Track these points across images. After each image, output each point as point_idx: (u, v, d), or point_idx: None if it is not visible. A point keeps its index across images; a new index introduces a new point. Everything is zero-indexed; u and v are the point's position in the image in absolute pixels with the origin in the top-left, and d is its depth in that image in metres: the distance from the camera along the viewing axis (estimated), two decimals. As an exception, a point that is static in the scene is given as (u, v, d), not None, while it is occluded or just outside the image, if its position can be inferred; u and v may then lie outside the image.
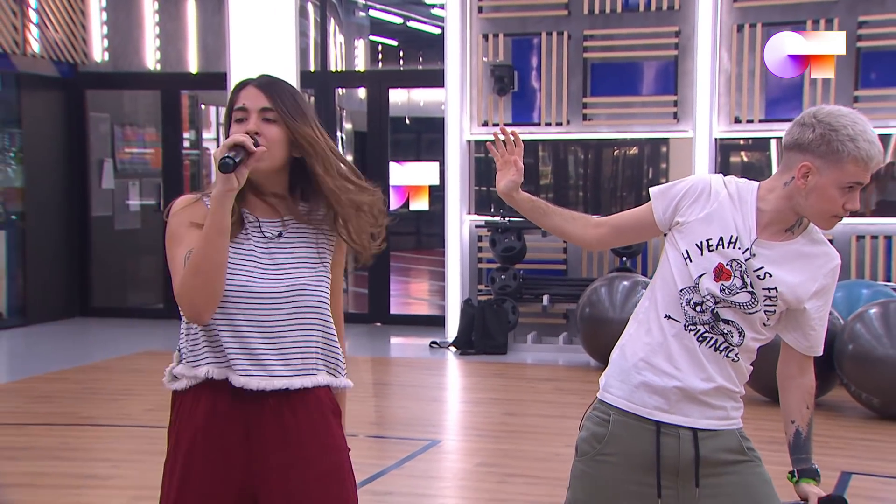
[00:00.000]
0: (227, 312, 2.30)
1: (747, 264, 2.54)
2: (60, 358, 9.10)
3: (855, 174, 2.49)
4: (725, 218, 2.56)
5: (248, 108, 2.32)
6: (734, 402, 2.62)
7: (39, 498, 5.13)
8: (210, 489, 2.31)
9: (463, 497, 5.31)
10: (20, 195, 10.89)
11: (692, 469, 2.55)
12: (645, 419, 2.57)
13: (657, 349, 2.57)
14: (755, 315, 2.55)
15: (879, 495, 5.25)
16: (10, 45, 10.56)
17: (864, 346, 6.70)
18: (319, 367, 2.36)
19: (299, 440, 2.31)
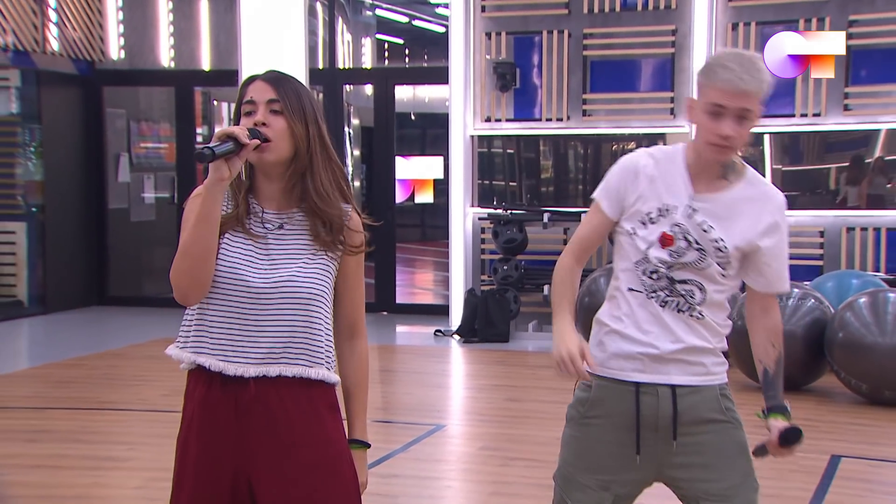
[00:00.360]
0: (217, 299, 2.31)
1: (690, 222, 2.56)
2: (79, 345, 9.14)
3: (715, 97, 2.48)
4: (658, 188, 2.59)
5: (256, 101, 2.31)
6: (714, 357, 2.63)
7: (60, 479, 5.15)
8: (204, 468, 2.32)
9: (466, 479, 5.32)
10: (40, 188, 10.91)
11: (670, 424, 2.57)
12: (624, 381, 2.60)
13: (626, 319, 2.60)
14: (709, 269, 2.57)
15: (868, 477, 5.25)
16: (31, 43, 10.57)
17: (853, 334, 6.71)
18: (303, 359, 2.31)
19: (287, 429, 2.29)
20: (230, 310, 2.30)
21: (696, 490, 2.60)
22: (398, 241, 11.23)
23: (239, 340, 2.29)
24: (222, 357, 2.30)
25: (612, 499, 2.63)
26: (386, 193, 10.94)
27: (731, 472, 2.60)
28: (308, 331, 2.31)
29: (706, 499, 2.59)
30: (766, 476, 5.32)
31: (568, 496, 2.67)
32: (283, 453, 2.29)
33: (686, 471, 2.60)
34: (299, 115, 2.31)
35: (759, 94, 2.50)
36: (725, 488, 2.58)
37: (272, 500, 2.30)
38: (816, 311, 7.07)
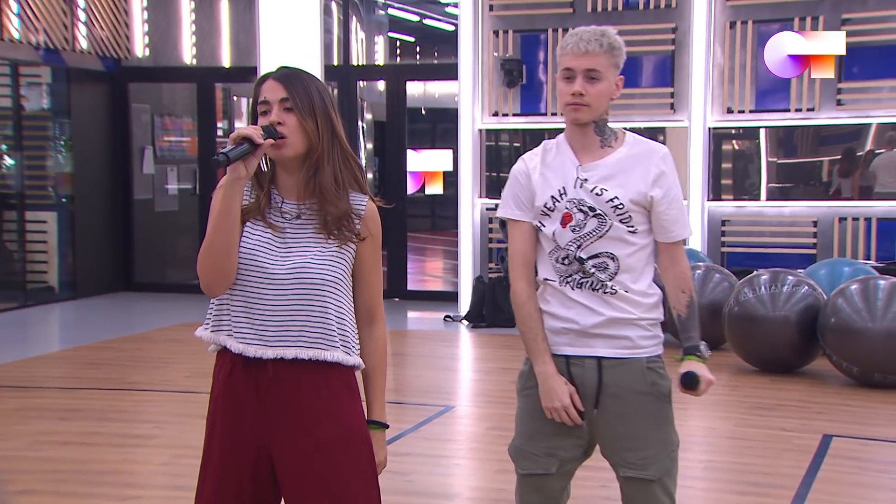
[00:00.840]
0: (237, 285, 2.33)
1: (583, 191, 2.61)
2: (107, 329, 9.17)
3: (565, 62, 2.61)
4: (548, 179, 2.66)
5: (270, 101, 2.32)
6: (641, 331, 2.65)
7: (91, 455, 5.18)
8: (229, 443, 2.34)
9: (474, 458, 5.34)
10: (69, 180, 10.95)
11: (594, 392, 2.63)
12: (557, 355, 2.66)
13: (552, 303, 2.67)
14: (614, 231, 2.61)
15: (859, 455, 5.26)
16: (61, 41, 10.59)
17: (845, 319, 6.71)
18: (319, 343, 2.31)
19: (304, 408, 2.31)
20: (249, 295, 2.32)
21: (617, 457, 2.66)
22: (409, 230, 11.22)
23: (257, 324, 2.31)
24: (242, 339, 2.32)
25: (557, 464, 2.68)
26: (397, 185, 10.94)
27: (649, 443, 2.63)
28: (323, 315, 2.32)
29: (625, 465, 2.64)
30: (760, 455, 5.37)
31: (519, 466, 2.73)
32: (301, 431, 2.31)
33: (609, 438, 2.66)
34: (309, 111, 2.31)
35: (602, 56, 2.60)
36: (644, 457, 2.62)
37: (291, 475, 2.32)
38: (810, 297, 7.07)
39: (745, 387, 6.81)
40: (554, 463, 2.67)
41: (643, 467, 2.60)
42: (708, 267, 8.05)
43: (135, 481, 4.82)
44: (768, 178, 9.79)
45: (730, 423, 5.89)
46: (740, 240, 9.53)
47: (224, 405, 2.35)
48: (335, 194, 2.32)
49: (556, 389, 2.61)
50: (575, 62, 2.59)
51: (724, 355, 7.69)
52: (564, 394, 2.61)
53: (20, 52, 10.24)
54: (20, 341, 8.78)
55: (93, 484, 4.70)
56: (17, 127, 10.53)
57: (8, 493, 3.35)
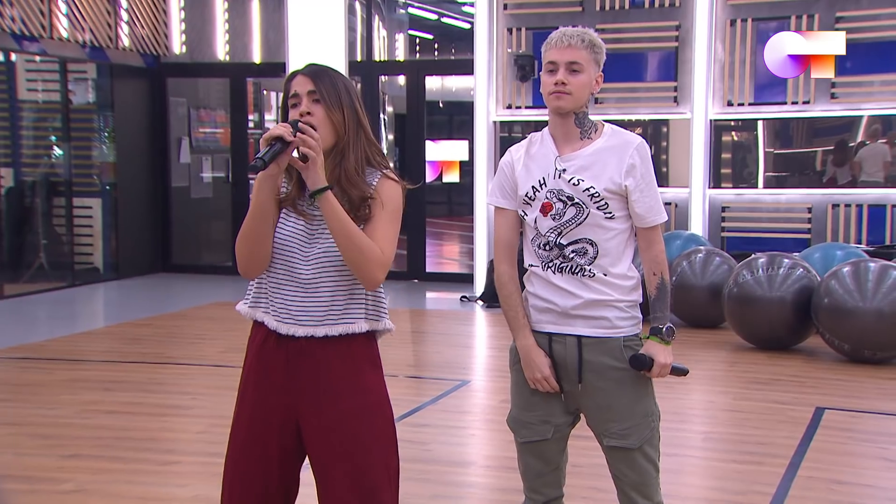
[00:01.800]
0: (273, 268, 2.35)
1: (561, 181, 2.61)
2: (147, 307, 9.23)
3: (548, 56, 2.62)
4: (531, 170, 2.67)
5: (300, 94, 2.32)
6: (619, 312, 2.63)
7: (133, 423, 5.21)
8: (259, 409, 2.35)
9: (489, 429, 5.34)
10: (112, 168, 10.99)
11: (576, 369, 2.63)
12: (541, 332, 2.67)
13: (535, 286, 2.67)
14: (592, 218, 2.60)
15: (849, 427, 5.24)
16: (105, 40, 10.63)
17: (837, 299, 6.67)
18: (346, 318, 2.32)
19: (329, 380, 2.32)
20: (282, 278, 2.33)
21: (601, 428, 2.67)
22: (427, 216, 11.23)
23: (289, 304, 2.32)
24: (276, 317, 2.33)
25: (552, 430, 2.70)
26: (417, 173, 10.92)
27: (628, 414, 2.63)
28: (350, 292, 2.32)
29: (607, 435, 2.65)
30: (756, 426, 5.36)
31: (518, 435, 2.75)
32: (326, 401, 2.32)
33: (592, 410, 2.67)
34: (336, 103, 2.32)
35: (583, 50, 2.60)
36: (623, 428, 2.62)
37: (316, 441, 2.33)
38: (804, 279, 7.04)
39: (742, 363, 6.79)
40: (549, 429, 2.69)
41: (625, 437, 2.62)
42: (708, 251, 8.02)
43: (173, 448, 4.86)
44: (765, 168, 9.73)
45: (728, 397, 5.89)
46: (739, 225, 9.49)
47: (255, 373, 2.37)
48: (357, 179, 2.32)
49: (535, 361, 2.65)
50: (558, 55, 2.60)
51: (723, 333, 7.67)
52: (544, 365, 2.63)
53: (68, 50, 10.27)
54: (68, 318, 8.85)
55: (135, 450, 4.74)
56: (65, 119, 10.57)
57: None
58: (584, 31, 2.64)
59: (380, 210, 2.32)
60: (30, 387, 6.08)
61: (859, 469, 4.51)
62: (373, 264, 2.25)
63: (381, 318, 2.39)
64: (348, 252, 2.24)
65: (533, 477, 2.74)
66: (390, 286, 10.45)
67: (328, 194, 2.22)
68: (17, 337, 7.72)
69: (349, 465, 2.30)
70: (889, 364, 6.71)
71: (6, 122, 10.31)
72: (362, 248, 2.23)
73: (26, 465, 4.52)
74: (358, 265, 2.25)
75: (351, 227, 2.23)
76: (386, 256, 2.29)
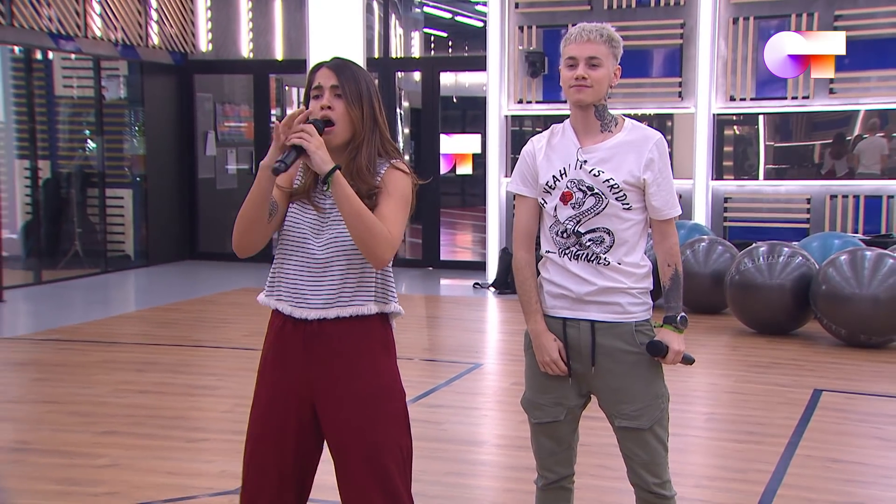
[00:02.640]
0: (288, 258, 2.35)
1: (582, 172, 2.59)
2: (175, 292, 9.27)
3: (569, 51, 2.61)
4: (552, 160, 2.65)
5: (323, 86, 2.32)
6: (632, 298, 2.62)
7: (163, 402, 5.25)
8: (277, 389, 2.36)
9: (500, 409, 5.35)
10: (143, 161, 11.03)
11: (590, 353, 2.62)
12: (555, 317, 2.66)
13: (551, 272, 2.66)
14: (610, 209, 2.58)
15: (845, 407, 5.23)
16: (136, 38, 10.65)
17: (835, 286, 6.65)
18: (357, 300, 2.31)
19: (343, 363, 2.31)
20: (296, 265, 2.34)
21: (613, 409, 2.65)
22: (442, 206, 11.22)
23: (302, 290, 2.32)
24: (290, 303, 2.34)
25: (565, 411, 2.69)
26: (431, 166, 10.92)
27: (639, 396, 2.61)
28: (360, 276, 2.31)
29: (619, 416, 2.63)
30: (757, 407, 5.35)
31: (532, 416, 2.74)
32: (340, 383, 2.31)
33: (604, 392, 2.65)
34: (356, 99, 2.31)
35: (602, 45, 2.59)
36: (634, 409, 2.61)
37: (331, 421, 2.33)
38: (803, 266, 7.01)
39: (743, 347, 6.78)
40: (562, 411, 2.69)
41: (636, 418, 2.60)
42: (711, 240, 7.99)
43: (200, 426, 4.89)
44: (766, 160, 9.68)
45: (730, 380, 5.88)
46: (741, 215, 9.45)
47: (274, 356, 2.37)
48: (367, 175, 2.31)
49: (545, 345, 2.64)
50: (578, 50, 2.58)
51: (725, 319, 7.65)
52: (553, 349, 2.63)
53: (101, 48, 10.30)
54: (102, 303, 8.90)
55: (165, 427, 4.77)
56: (98, 114, 10.61)
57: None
58: (602, 26, 2.62)
59: (386, 197, 2.31)
60: (66, 367, 6.13)
61: (855, 448, 4.50)
62: (381, 243, 2.23)
63: (390, 301, 2.38)
64: (357, 231, 2.22)
65: (545, 456, 2.74)
66: (406, 273, 10.47)
67: (338, 174, 2.21)
68: (54, 320, 7.78)
69: (363, 445, 2.30)
70: (884, 348, 6.68)
71: (44, 117, 10.35)
72: (370, 226, 2.21)
73: (65, 440, 4.57)
74: (366, 244, 2.23)
75: (360, 206, 2.22)
76: (393, 236, 2.26)
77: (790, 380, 5.81)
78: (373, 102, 2.34)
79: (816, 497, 3.84)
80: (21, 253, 10.13)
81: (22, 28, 9.36)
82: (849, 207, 9.01)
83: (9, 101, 10.06)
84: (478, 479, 4.16)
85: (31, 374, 5.98)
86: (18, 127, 10.11)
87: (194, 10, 11.52)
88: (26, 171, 10.01)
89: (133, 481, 3.98)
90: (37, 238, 10.08)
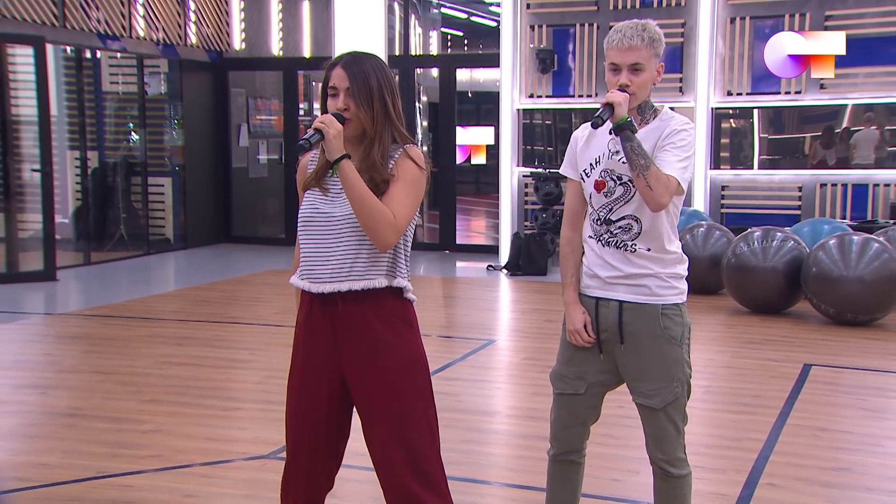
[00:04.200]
0: (305, 238, 2.34)
1: (612, 161, 2.53)
2: (211, 273, 9.31)
3: (611, 57, 2.52)
4: (590, 148, 2.60)
5: (338, 88, 2.29)
6: (660, 281, 2.55)
7: (200, 374, 5.28)
8: (309, 367, 2.35)
9: (512, 383, 5.36)
10: (181, 152, 11.06)
11: (617, 331, 2.57)
12: (589, 296, 2.63)
13: (589, 258, 2.62)
14: (638, 196, 2.49)
15: (833, 381, 5.21)
16: (176, 38, 10.67)
17: (824, 269, 6.60)
18: (368, 274, 2.28)
19: (369, 339, 2.30)
20: (311, 245, 2.32)
21: (632, 385, 2.61)
22: (458, 194, 11.20)
23: (317, 266, 2.31)
24: (308, 279, 2.33)
25: (585, 386, 2.64)
26: (448, 156, 10.91)
27: (657, 376, 2.55)
28: (371, 253, 2.28)
29: (637, 392, 2.59)
30: (751, 381, 5.34)
31: (555, 386, 2.71)
32: (367, 359, 2.31)
33: (626, 369, 2.60)
34: (367, 101, 2.28)
35: (643, 49, 2.50)
36: (651, 388, 2.55)
37: (361, 395, 2.33)
38: (795, 250, 6.97)
39: (739, 325, 6.75)
40: (583, 385, 2.64)
41: (650, 397, 2.56)
42: (709, 225, 7.95)
43: (235, 396, 4.91)
44: (760, 151, 9.60)
45: (726, 356, 5.86)
46: (737, 202, 9.39)
47: (305, 337, 2.36)
48: (381, 167, 2.29)
49: (572, 316, 2.61)
50: (619, 57, 2.50)
51: (721, 299, 7.62)
52: (579, 321, 2.59)
53: (144, 48, 10.33)
54: (144, 282, 8.96)
55: (202, 397, 4.81)
56: (141, 109, 10.65)
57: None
58: (643, 26, 2.52)
59: (395, 182, 2.29)
60: (113, 341, 6.18)
61: (841, 418, 4.48)
62: (384, 227, 2.21)
63: (397, 276, 2.34)
64: (361, 215, 2.21)
65: (559, 427, 2.70)
66: (424, 256, 10.48)
67: (345, 162, 2.21)
68: (101, 298, 7.84)
69: (389, 416, 2.30)
70: (869, 326, 6.65)
71: (92, 112, 10.40)
72: (374, 211, 2.20)
73: (113, 407, 4.61)
74: (370, 227, 2.22)
75: (364, 192, 2.21)
76: (398, 220, 2.24)
77: (782, 355, 5.78)
78: (384, 97, 2.30)
79: (806, 463, 3.83)
80: (72, 236, 10.21)
81: (73, 29, 9.41)
82: (837, 195, 8.95)
83: (61, 97, 10.11)
84: (491, 446, 4.17)
85: (82, 347, 6.03)
86: (69, 121, 10.17)
87: (229, 11, 11.53)
88: (76, 161, 10.07)
89: (175, 446, 4.01)
90: (86, 222, 10.14)
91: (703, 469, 3.70)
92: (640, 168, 2.41)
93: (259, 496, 3.45)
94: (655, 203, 2.43)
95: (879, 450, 4.03)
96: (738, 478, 3.66)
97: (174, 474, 3.69)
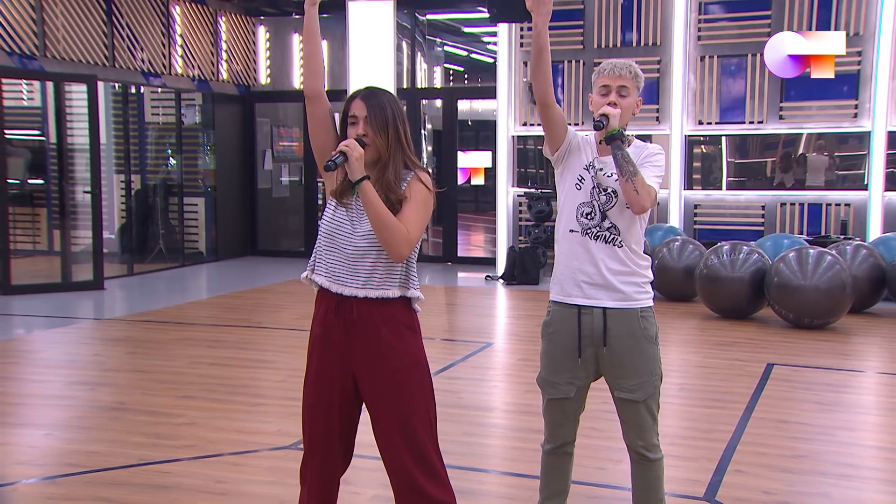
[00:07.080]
0: (327, 242, 2.33)
1: (599, 176, 2.57)
2: (239, 282, 9.32)
3: (602, 81, 2.60)
4: (584, 150, 2.61)
5: (357, 117, 2.32)
6: (637, 287, 2.56)
7: (230, 373, 5.28)
8: (323, 366, 2.35)
9: (508, 381, 5.34)
10: (213, 175, 11.09)
11: (601, 335, 2.56)
12: (570, 305, 2.59)
13: (569, 255, 2.58)
14: (619, 204, 2.53)
15: (792, 378, 5.21)
16: (209, 74, 10.73)
17: (784, 278, 6.62)
18: (384, 285, 2.29)
19: (378, 342, 2.29)
20: (334, 254, 2.32)
21: (615, 382, 2.60)
22: (459, 211, 11.22)
23: (339, 272, 2.31)
24: (328, 278, 2.32)
25: (575, 390, 2.64)
26: (450, 178, 10.94)
27: (638, 373, 2.56)
28: (388, 266, 2.29)
29: (620, 389, 2.58)
30: (719, 378, 5.34)
31: (546, 392, 2.69)
32: (375, 360, 2.31)
33: (609, 368, 2.60)
34: (382, 127, 2.30)
35: (630, 80, 2.58)
36: (633, 383, 2.56)
37: (368, 392, 2.33)
38: (759, 262, 6.98)
39: (710, 329, 6.75)
40: (573, 389, 2.64)
41: (633, 391, 2.56)
42: (684, 240, 7.97)
43: (260, 393, 4.90)
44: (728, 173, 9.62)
45: (699, 356, 5.86)
46: (708, 219, 9.40)
47: (320, 338, 2.35)
48: (395, 187, 2.31)
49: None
50: (610, 81, 2.59)
51: (695, 306, 7.63)
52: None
53: (181, 83, 10.39)
54: (180, 291, 8.96)
55: (231, 394, 4.81)
56: (178, 137, 10.69)
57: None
58: (629, 63, 2.61)
59: (407, 202, 2.30)
60: (152, 343, 6.19)
61: (799, 411, 4.49)
62: (398, 241, 2.23)
63: (410, 287, 2.35)
64: (379, 229, 2.22)
65: (554, 426, 2.71)
66: (429, 267, 10.48)
67: (366, 183, 2.23)
68: (142, 305, 7.85)
69: (395, 412, 2.30)
70: (824, 329, 6.65)
71: (136, 140, 10.45)
72: (390, 227, 2.21)
73: (152, 402, 4.62)
74: (386, 241, 2.23)
75: (382, 210, 2.22)
76: (411, 235, 2.25)
77: (748, 356, 5.79)
78: (398, 126, 2.32)
79: (769, 451, 3.83)
80: (118, 250, 10.24)
81: (121, 68, 9.49)
82: (795, 213, 8.97)
83: (109, 128, 10.20)
84: (489, 438, 4.17)
85: (125, 349, 6.05)
86: (116, 148, 10.23)
87: (256, 50, 11.60)
88: (122, 183, 10.11)
89: (207, 437, 4.02)
90: (129, 238, 10.17)
91: (679, 458, 3.70)
92: (629, 174, 2.46)
93: (282, 482, 3.46)
94: (639, 206, 2.48)
95: (832, 439, 4.04)
96: (710, 465, 3.67)
97: (206, 462, 3.69)
